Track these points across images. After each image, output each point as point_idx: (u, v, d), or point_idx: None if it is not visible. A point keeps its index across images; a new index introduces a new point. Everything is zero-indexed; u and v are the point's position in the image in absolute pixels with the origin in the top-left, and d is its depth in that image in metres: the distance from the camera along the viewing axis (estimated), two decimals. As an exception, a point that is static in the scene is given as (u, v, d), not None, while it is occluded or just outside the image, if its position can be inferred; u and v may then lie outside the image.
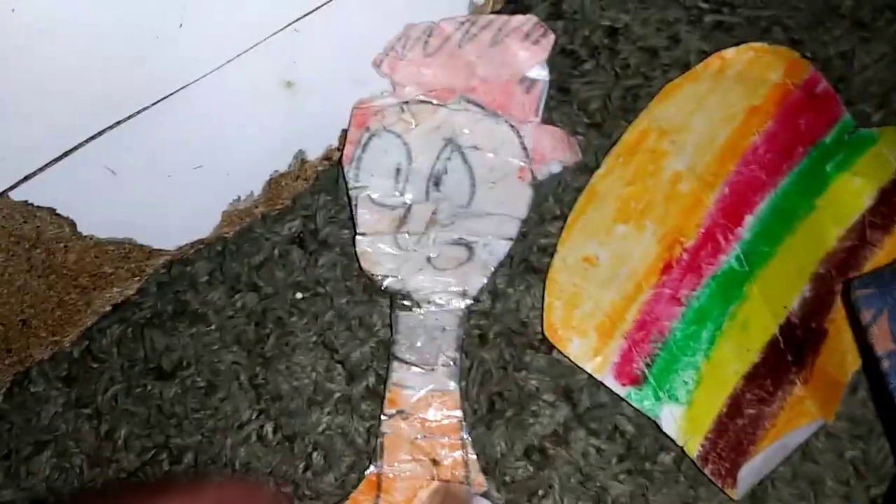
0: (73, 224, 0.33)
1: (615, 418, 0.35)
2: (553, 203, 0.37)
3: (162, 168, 0.34)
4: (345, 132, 0.38)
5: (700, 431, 0.33)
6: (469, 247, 0.35)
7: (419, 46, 0.36)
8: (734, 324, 0.35)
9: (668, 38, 0.38)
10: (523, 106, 0.36)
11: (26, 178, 0.30)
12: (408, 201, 0.36)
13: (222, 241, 0.38)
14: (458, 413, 0.34)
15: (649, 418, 0.34)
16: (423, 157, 0.36)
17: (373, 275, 0.35)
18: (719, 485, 0.33)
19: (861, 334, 0.32)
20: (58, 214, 0.32)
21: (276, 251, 0.38)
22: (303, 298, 0.37)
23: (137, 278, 0.37)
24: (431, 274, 0.35)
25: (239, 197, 0.37)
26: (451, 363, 0.34)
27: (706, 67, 0.37)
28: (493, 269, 0.35)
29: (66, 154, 0.30)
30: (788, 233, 0.36)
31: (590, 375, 0.35)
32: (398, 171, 0.36)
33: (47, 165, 0.30)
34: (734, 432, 0.33)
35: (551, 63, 0.38)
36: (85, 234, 0.34)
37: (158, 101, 0.31)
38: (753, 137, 0.36)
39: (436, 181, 0.36)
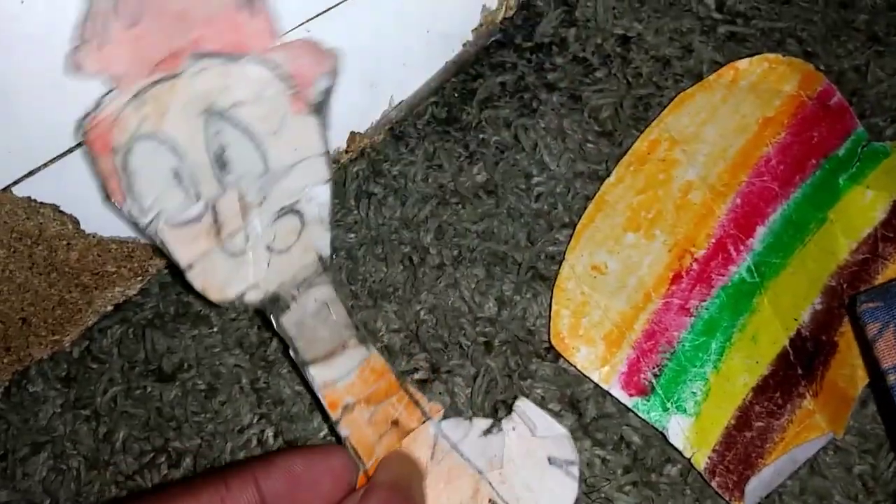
0: (76, 221, 0.32)
1: (621, 429, 0.35)
2: (562, 211, 0.37)
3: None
4: (353, 134, 0.38)
5: (708, 444, 0.33)
6: (295, 211, 0.32)
7: (116, 20, 0.28)
8: (744, 335, 0.34)
9: (681, 48, 0.38)
10: (259, 33, 0.30)
11: (30, 174, 0.30)
12: (208, 202, 0.31)
13: (226, 242, 0.37)
14: (388, 368, 0.32)
15: (656, 429, 0.34)
16: (193, 145, 0.30)
17: (229, 301, 0.31)
18: (726, 498, 0.33)
19: (867, 348, 0.32)
20: (61, 211, 0.32)
21: (280, 253, 0.37)
22: (307, 302, 0.37)
23: (140, 278, 0.37)
24: (279, 260, 0.31)
25: (244, 198, 0.37)
26: (354, 329, 0.32)
27: (719, 77, 0.36)
28: (328, 219, 0.32)
29: (70, 150, 0.30)
30: (800, 245, 0.35)
31: (596, 385, 0.34)
32: (177, 175, 0.30)
33: (51, 161, 0.30)
34: (742, 445, 0.33)
35: (563, 70, 0.37)
36: (88, 231, 0.33)
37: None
38: (766, 148, 0.36)
39: (220, 164, 0.30)
